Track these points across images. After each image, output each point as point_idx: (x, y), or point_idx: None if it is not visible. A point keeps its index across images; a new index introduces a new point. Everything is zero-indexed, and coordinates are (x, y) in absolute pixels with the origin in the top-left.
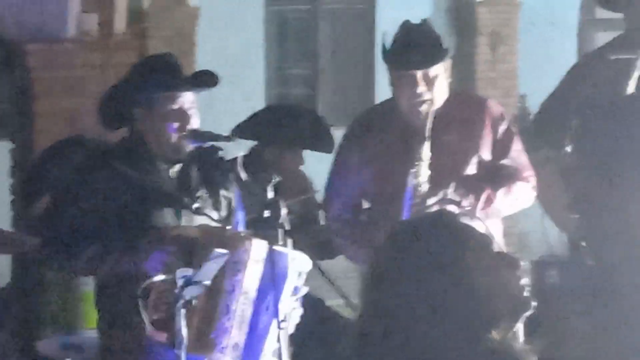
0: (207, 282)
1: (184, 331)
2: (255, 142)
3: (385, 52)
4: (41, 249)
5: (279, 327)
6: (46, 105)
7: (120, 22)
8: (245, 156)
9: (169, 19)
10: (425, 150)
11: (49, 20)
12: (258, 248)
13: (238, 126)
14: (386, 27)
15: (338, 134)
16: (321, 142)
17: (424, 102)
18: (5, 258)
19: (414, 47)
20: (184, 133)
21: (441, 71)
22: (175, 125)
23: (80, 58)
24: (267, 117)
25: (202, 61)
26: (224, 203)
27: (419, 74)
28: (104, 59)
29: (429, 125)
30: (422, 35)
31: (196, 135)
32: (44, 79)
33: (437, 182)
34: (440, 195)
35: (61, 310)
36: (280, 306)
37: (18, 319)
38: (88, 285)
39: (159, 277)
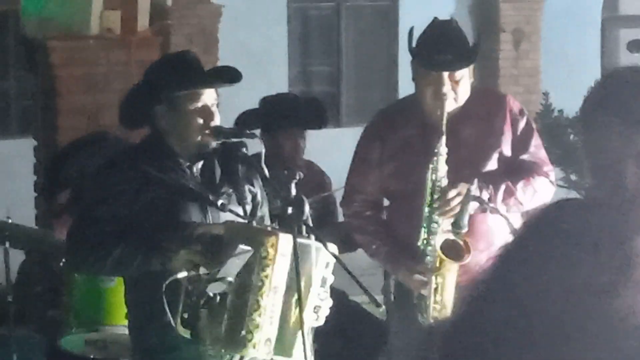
0: (230, 279)
1: (209, 327)
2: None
3: (413, 49)
4: (66, 251)
5: (301, 318)
6: (69, 102)
7: (143, 19)
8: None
9: (192, 16)
10: (442, 145)
11: (73, 17)
12: (285, 242)
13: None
14: (409, 24)
15: (359, 131)
16: (312, 120)
17: (446, 101)
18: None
19: (443, 48)
20: (208, 130)
21: (466, 73)
22: (199, 122)
23: (103, 55)
24: (259, 109)
25: (224, 58)
26: (248, 198)
27: (446, 74)
28: (126, 56)
29: (444, 120)
30: (452, 36)
31: (219, 132)
32: (67, 76)
33: (456, 177)
34: (460, 187)
35: (84, 307)
36: (310, 298)
37: (42, 316)
38: (112, 281)
39: (183, 274)
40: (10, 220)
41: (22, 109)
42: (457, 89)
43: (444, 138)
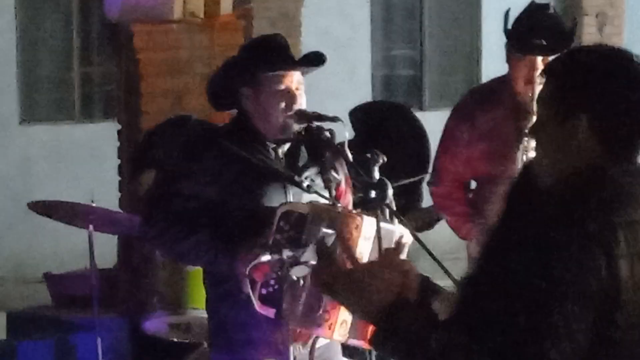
0: (314, 263)
1: (292, 311)
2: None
3: (509, 32)
4: (143, 222)
5: None
6: (152, 86)
7: (226, 4)
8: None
9: (274, 0)
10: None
11: (156, 1)
12: (368, 225)
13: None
14: (493, 7)
15: (442, 115)
16: None
17: (538, 85)
18: (113, 238)
19: (538, 32)
20: (290, 113)
21: None
22: (282, 105)
23: (186, 39)
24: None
25: (307, 42)
26: (333, 185)
27: (539, 59)
28: (209, 40)
29: (534, 103)
30: (548, 21)
31: (302, 115)
32: (150, 59)
33: None
34: None
35: (168, 290)
36: None
37: (126, 299)
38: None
39: (267, 257)
40: (94, 204)
41: (106, 93)
42: None
43: (534, 118)
